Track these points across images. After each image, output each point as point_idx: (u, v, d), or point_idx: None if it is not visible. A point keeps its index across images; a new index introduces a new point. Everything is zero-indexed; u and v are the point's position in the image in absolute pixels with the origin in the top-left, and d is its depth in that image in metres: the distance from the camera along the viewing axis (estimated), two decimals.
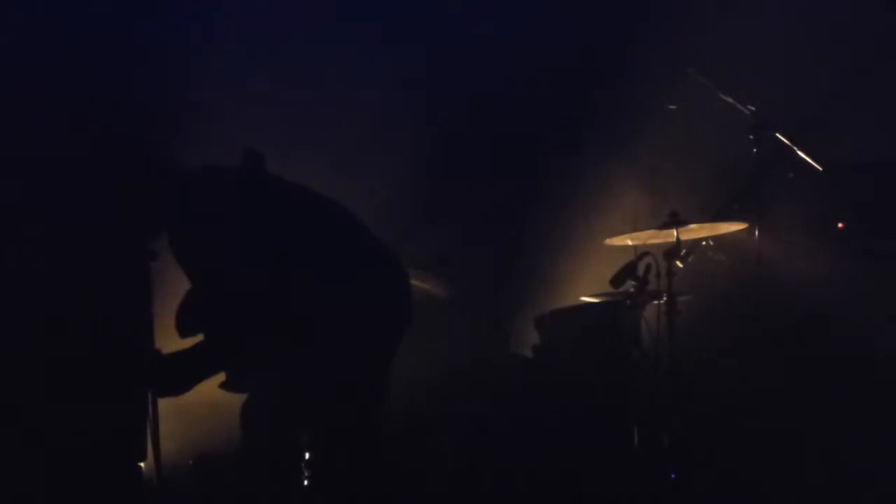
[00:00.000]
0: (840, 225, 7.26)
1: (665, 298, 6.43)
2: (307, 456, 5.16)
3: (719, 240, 6.95)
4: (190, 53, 6.87)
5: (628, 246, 6.91)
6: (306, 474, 5.15)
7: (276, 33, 7.32)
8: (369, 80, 7.53)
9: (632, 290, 6.43)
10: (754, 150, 6.75)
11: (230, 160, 5.15)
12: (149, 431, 5.37)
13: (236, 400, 5.21)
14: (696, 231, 6.66)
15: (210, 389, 5.24)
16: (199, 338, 5.09)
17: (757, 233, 6.65)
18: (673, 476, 6.14)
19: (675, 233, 6.51)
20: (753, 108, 6.80)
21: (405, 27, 7.61)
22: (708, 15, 7.41)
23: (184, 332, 5.06)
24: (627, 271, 6.40)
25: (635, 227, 6.87)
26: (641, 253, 6.44)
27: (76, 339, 5.40)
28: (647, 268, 6.37)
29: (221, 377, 5.11)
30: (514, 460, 6.22)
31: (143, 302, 5.47)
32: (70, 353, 5.41)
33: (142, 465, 5.68)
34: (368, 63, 7.50)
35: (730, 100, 6.85)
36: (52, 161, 5.29)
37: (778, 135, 6.81)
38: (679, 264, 6.56)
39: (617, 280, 6.42)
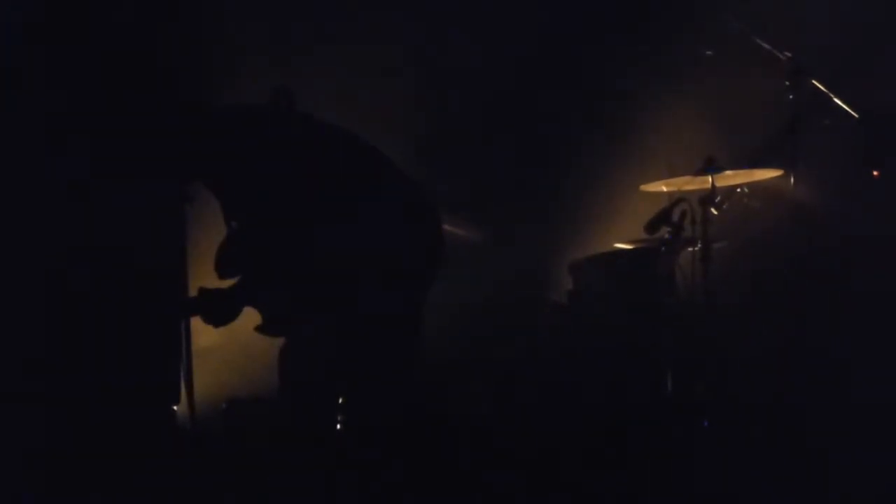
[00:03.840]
0: (876, 173, 7.20)
1: (699, 245, 6.41)
2: (340, 400, 5.16)
3: (754, 186, 6.90)
4: None
5: (663, 192, 6.87)
6: (339, 419, 5.15)
7: None
8: (400, 23, 7.49)
9: (666, 236, 6.40)
10: (790, 96, 6.67)
11: (259, 99, 5.12)
12: (182, 375, 5.39)
13: (268, 344, 5.20)
14: (731, 178, 6.62)
15: (242, 334, 5.24)
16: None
17: (792, 180, 6.58)
18: (706, 424, 6.13)
19: (710, 179, 6.47)
20: (790, 54, 6.72)
21: None
22: None
23: (223, 273, 5.04)
24: (662, 217, 6.36)
25: (670, 174, 6.82)
26: (676, 199, 6.40)
27: (110, 281, 5.41)
28: (682, 214, 6.34)
29: (257, 320, 5.10)
30: (546, 406, 6.22)
31: (178, 245, 5.48)
32: (104, 296, 5.42)
33: (175, 407, 5.70)
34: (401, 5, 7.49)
35: (766, 45, 6.77)
36: (88, 103, 5.29)
37: (814, 81, 6.73)
38: (714, 211, 6.52)
39: (651, 226, 6.39)
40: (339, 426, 5.11)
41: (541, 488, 5.75)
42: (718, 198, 6.55)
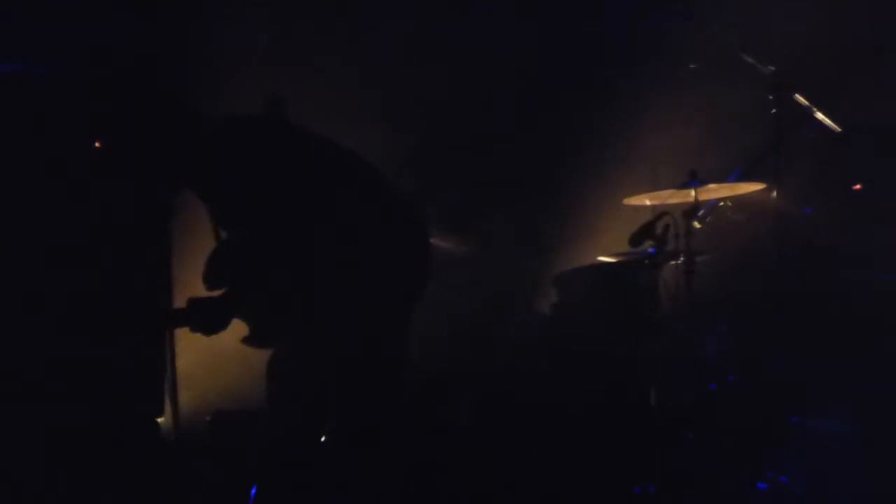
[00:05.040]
0: (857, 186, 7.24)
1: (683, 258, 6.42)
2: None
3: (738, 200, 6.93)
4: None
5: (647, 206, 6.89)
6: (327, 430, 5.15)
7: None
8: (387, 38, 7.51)
9: (650, 249, 6.42)
10: (773, 110, 6.70)
11: (252, 107, 5.12)
12: (167, 387, 5.38)
13: (253, 356, 5.20)
14: (714, 191, 6.64)
15: (228, 345, 5.23)
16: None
17: (775, 193, 6.61)
18: (690, 436, 6.14)
19: (693, 193, 6.49)
20: (773, 69, 6.75)
21: None
22: None
23: (211, 284, 5.01)
24: (646, 231, 6.37)
25: (654, 187, 6.84)
26: (660, 212, 6.41)
27: (94, 295, 5.40)
28: (666, 227, 6.35)
29: (245, 332, 5.09)
30: (531, 419, 6.23)
31: (162, 257, 5.47)
32: (88, 308, 5.41)
33: (159, 420, 5.70)
34: (386, 22, 7.50)
35: (750, 59, 6.80)
36: (74, 115, 5.28)
37: (797, 95, 6.77)
38: (697, 224, 6.54)
39: (635, 240, 6.40)
40: (326, 437, 5.11)
41: (521, 496, 5.79)
42: (701, 211, 6.58)
